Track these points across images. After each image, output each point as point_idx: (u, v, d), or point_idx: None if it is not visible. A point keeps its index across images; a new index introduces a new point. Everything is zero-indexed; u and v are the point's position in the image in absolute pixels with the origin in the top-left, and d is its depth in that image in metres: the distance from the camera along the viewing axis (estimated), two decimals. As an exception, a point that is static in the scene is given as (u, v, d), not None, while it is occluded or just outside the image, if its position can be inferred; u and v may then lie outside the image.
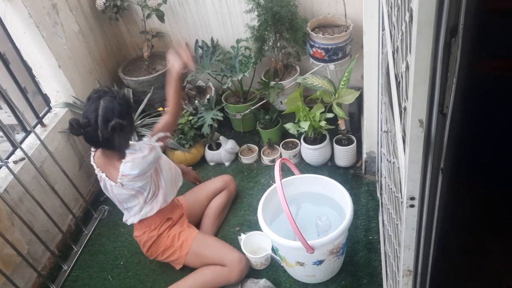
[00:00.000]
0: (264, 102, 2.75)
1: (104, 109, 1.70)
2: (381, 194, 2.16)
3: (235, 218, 2.41)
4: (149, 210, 1.99)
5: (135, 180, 1.83)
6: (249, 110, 2.77)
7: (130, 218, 2.04)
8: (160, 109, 2.75)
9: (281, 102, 2.72)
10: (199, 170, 2.77)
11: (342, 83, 2.35)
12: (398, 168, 1.05)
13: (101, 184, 1.95)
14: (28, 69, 2.45)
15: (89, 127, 1.71)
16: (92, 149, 1.95)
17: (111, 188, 1.90)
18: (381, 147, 1.97)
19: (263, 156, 2.74)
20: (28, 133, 2.35)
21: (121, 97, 1.78)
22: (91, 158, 1.96)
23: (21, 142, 2.30)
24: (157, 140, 1.92)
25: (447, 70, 0.78)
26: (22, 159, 2.20)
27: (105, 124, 1.70)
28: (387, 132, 1.48)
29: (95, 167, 1.93)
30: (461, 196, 1.14)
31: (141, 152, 1.81)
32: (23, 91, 2.41)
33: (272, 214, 2.04)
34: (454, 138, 0.88)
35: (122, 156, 1.81)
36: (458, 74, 0.78)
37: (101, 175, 1.90)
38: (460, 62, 0.77)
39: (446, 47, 0.74)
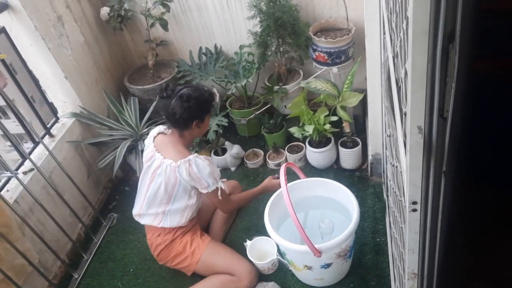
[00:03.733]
0: (269, 107, 2.77)
1: (187, 90, 1.96)
2: (387, 196, 2.17)
3: (243, 223, 2.42)
4: (182, 219, 2.05)
5: (195, 176, 1.91)
6: (253, 115, 2.79)
7: (154, 218, 2.05)
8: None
9: (285, 106, 2.73)
10: (205, 176, 2.79)
11: (346, 86, 2.36)
12: (401, 172, 1.06)
13: (150, 170, 2.00)
14: (35, 79, 2.49)
15: (170, 98, 1.94)
16: (154, 132, 2.08)
17: (169, 170, 1.93)
18: (386, 149, 1.97)
19: (268, 160, 2.75)
20: (36, 144, 2.38)
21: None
22: (151, 140, 2.06)
23: (30, 153, 2.33)
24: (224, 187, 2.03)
25: (446, 75, 0.79)
26: (31, 169, 2.23)
27: (186, 101, 1.91)
28: (390, 136, 1.48)
29: (151, 150, 2.01)
30: (465, 198, 1.14)
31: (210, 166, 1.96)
32: (30, 102, 2.45)
33: (279, 218, 2.05)
34: (456, 141, 0.89)
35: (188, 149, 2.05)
36: (457, 78, 0.79)
37: (160, 157, 1.97)
38: (459, 66, 0.78)
39: (444, 53, 0.75)
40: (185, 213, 2.04)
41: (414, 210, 0.90)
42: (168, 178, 1.94)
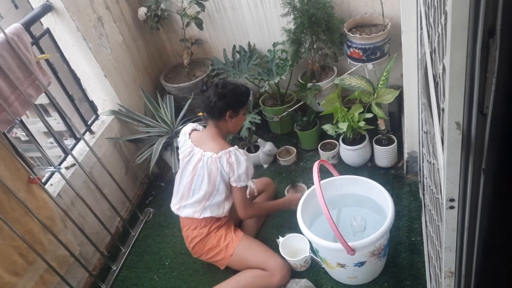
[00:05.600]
0: (302, 104, 2.77)
1: (224, 80, 2.07)
2: (423, 194, 2.12)
3: (275, 219, 2.44)
4: (220, 210, 2.11)
5: (235, 167, 1.97)
6: (286, 112, 2.80)
7: (195, 210, 2.10)
8: (200, 114, 2.83)
9: (319, 104, 2.72)
10: (239, 172, 2.82)
11: (381, 82, 2.33)
12: (438, 169, 1.05)
13: (190, 165, 2.07)
14: (75, 78, 2.59)
15: (207, 91, 2.03)
16: (188, 129, 2.14)
17: (210, 161, 1.99)
18: (423, 146, 1.93)
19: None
20: (78, 140, 2.48)
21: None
22: (186, 136, 2.13)
23: (72, 149, 2.43)
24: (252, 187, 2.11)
25: (486, 70, 0.77)
26: (73, 165, 2.33)
27: (221, 88, 1.98)
28: (426, 133, 1.46)
29: (189, 146, 2.08)
30: (506, 197, 1.10)
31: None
32: (72, 100, 2.55)
33: (311, 215, 2.05)
34: (496, 138, 0.87)
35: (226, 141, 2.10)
36: (498, 74, 0.77)
37: (199, 151, 2.03)
38: (499, 61, 0.76)
39: (484, 47, 0.74)
40: (224, 205, 2.11)
41: (452, 208, 0.88)
42: (210, 170, 2.00)
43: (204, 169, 2.01)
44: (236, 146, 2.01)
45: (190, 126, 2.17)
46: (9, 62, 1.89)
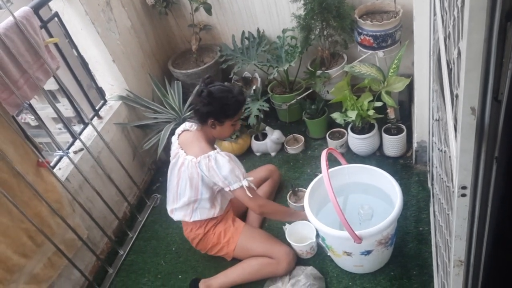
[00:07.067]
0: (310, 92, 2.74)
1: (215, 88, 1.94)
2: (432, 184, 2.11)
3: (282, 207, 2.43)
4: (211, 211, 2.08)
5: (214, 172, 1.90)
6: (295, 100, 2.78)
7: (185, 214, 2.09)
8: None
9: (328, 92, 2.70)
10: (245, 160, 2.82)
11: (392, 70, 2.29)
12: (450, 157, 1.03)
13: (176, 168, 2.03)
14: (84, 63, 2.59)
15: (198, 94, 1.94)
16: (179, 129, 2.09)
17: (191, 166, 1.94)
18: (433, 136, 1.91)
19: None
20: (86, 125, 2.49)
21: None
22: (176, 137, 2.09)
23: (80, 133, 2.44)
24: (249, 185, 1.96)
25: (503, 55, 0.75)
26: (81, 149, 2.34)
27: (205, 96, 1.90)
28: (438, 120, 1.44)
29: (176, 147, 2.04)
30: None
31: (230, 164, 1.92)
32: (81, 85, 2.55)
33: (318, 203, 2.04)
34: (510, 126, 0.85)
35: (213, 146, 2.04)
36: (515, 59, 0.75)
37: (183, 154, 1.98)
38: (517, 46, 0.74)
39: (502, 31, 0.72)
40: (213, 206, 2.07)
41: (463, 195, 0.87)
42: (192, 174, 1.96)
43: (186, 173, 1.97)
44: (217, 149, 1.95)
45: (183, 126, 2.10)
46: (18, 46, 1.88)
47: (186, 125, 2.09)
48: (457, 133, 0.84)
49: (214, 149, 1.99)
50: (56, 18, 2.33)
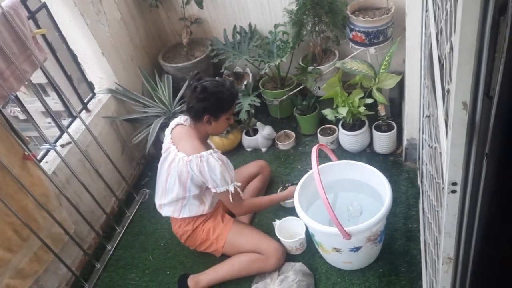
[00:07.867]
0: (302, 88, 2.73)
1: (208, 83, 1.90)
2: (421, 181, 2.11)
3: (272, 203, 2.42)
4: (200, 208, 2.06)
5: (205, 173, 1.88)
6: (286, 96, 2.76)
7: (174, 210, 2.07)
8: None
9: (319, 88, 2.69)
10: (236, 155, 2.80)
11: (383, 67, 2.29)
12: (440, 153, 1.02)
13: (166, 163, 2.00)
14: (73, 56, 2.54)
15: (192, 91, 1.89)
16: (173, 123, 2.06)
17: (181, 164, 1.91)
18: (423, 133, 1.91)
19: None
20: (74, 118, 2.45)
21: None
22: (169, 131, 2.05)
23: (68, 126, 2.40)
24: (236, 188, 1.96)
25: (495, 50, 0.74)
26: (69, 143, 2.30)
27: (200, 92, 1.86)
28: (429, 116, 1.43)
29: (168, 142, 2.01)
30: (508, 184, 1.08)
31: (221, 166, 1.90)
32: (69, 78, 2.51)
33: (308, 200, 2.04)
34: (502, 123, 0.84)
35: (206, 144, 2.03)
36: (507, 54, 0.74)
37: (174, 150, 1.95)
38: (509, 41, 0.73)
39: (494, 26, 0.71)
40: (202, 203, 2.06)
41: (454, 192, 0.86)
42: (181, 172, 1.93)
43: (176, 170, 1.94)
44: (211, 150, 1.91)
45: (177, 119, 2.06)
46: (4, 36, 1.84)
47: (181, 118, 2.06)
48: (448, 129, 0.84)
49: (208, 147, 1.97)
50: (44, 9, 2.29)
